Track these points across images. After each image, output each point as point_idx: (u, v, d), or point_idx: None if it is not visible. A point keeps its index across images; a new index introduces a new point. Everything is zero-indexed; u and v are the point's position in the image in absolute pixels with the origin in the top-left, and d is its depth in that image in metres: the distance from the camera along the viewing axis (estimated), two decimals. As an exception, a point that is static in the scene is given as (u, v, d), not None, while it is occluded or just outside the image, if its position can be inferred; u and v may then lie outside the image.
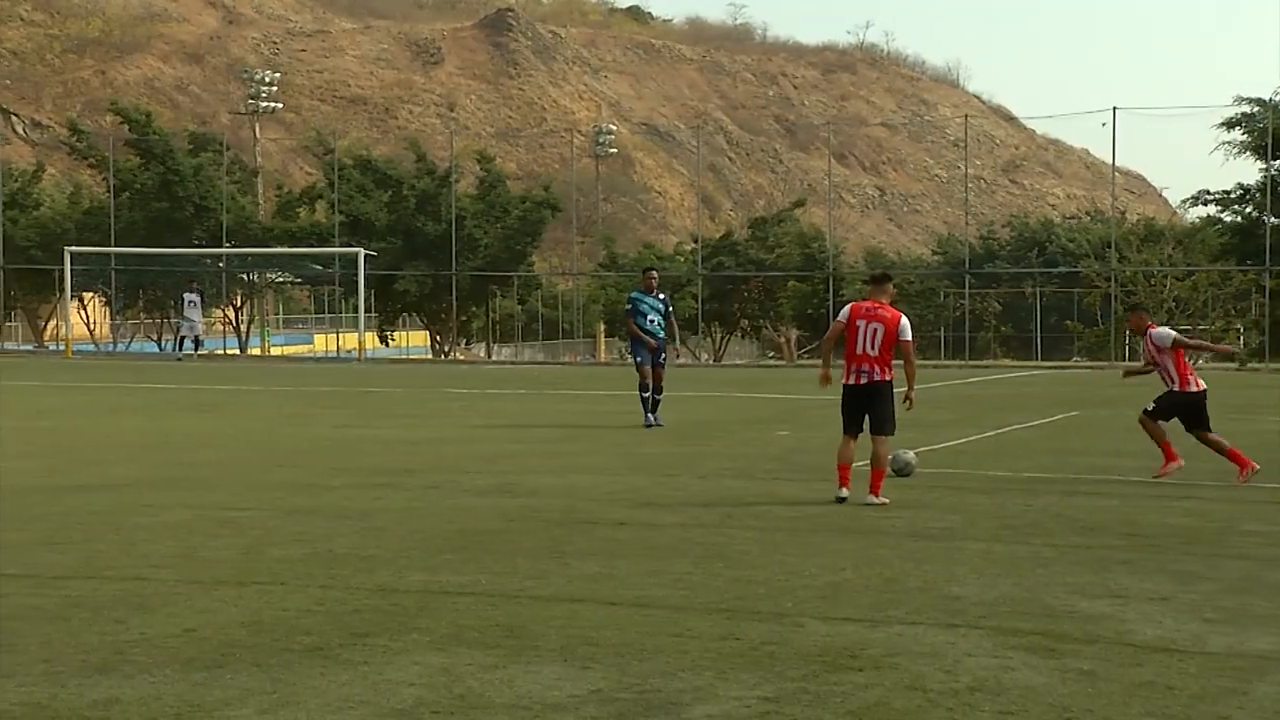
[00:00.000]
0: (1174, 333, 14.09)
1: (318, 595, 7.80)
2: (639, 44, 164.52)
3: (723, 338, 55.44)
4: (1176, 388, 13.65)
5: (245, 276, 52.82)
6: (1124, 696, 5.94)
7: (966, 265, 51.72)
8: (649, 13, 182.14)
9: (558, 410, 23.01)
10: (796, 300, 51.58)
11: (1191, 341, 14.35)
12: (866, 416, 11.89)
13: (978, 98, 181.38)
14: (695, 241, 54.98)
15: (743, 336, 57.66)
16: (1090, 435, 18.79)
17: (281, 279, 57.88)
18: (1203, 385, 13.73)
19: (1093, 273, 48.44)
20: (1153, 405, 13.73)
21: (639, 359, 19.53)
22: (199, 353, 42.91)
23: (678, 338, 20.31)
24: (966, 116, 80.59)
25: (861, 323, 11.85)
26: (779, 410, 23.12)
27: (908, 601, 7.78)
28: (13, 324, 55.54)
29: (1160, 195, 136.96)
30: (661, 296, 19.87)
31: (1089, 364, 43.38)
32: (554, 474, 13.82)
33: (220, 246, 48.72)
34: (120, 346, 51.72)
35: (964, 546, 9.68)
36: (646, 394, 19.25)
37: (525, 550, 9.36)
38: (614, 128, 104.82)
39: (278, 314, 68.75)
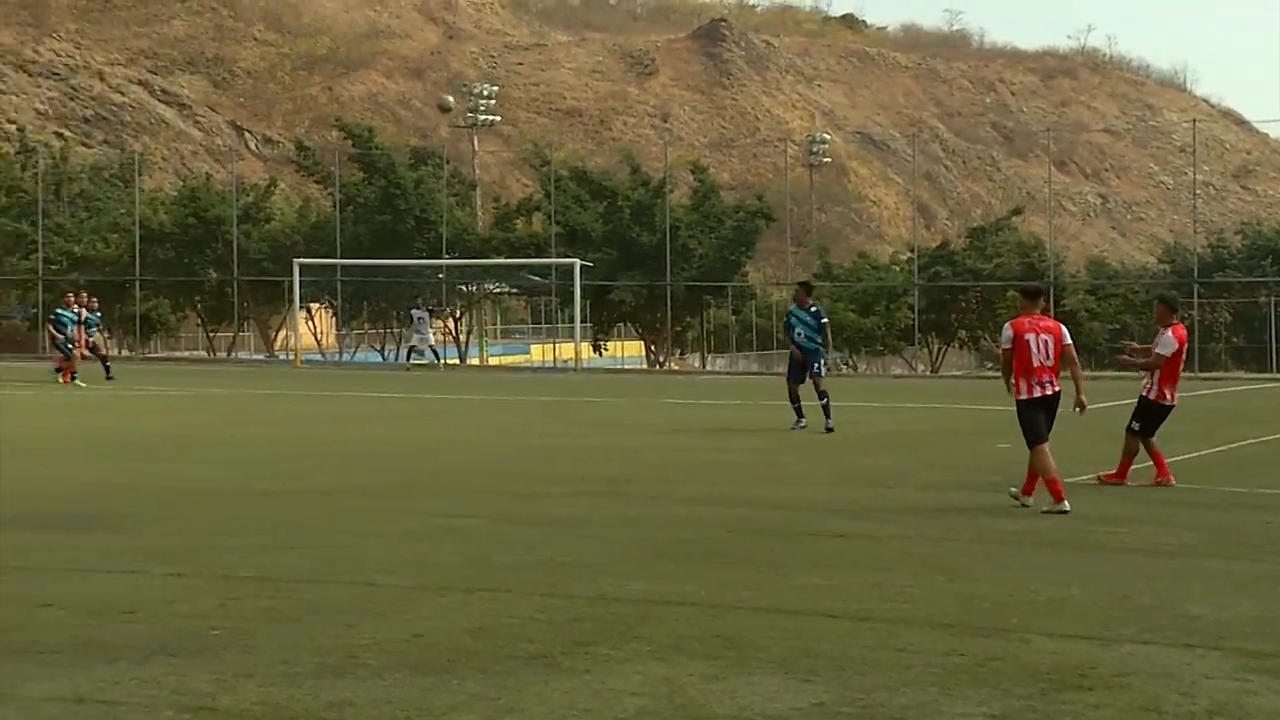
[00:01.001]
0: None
1: (540, 603, 7.90)
2: (853, 52, 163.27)
3: (940, 348, 54.66)
4: (1152, 396, 13.81)
5: (464, 288, 53.82)
6: (1375, 725, 5.67)
7: (1195, 274, 50.02)
8: (864, 20, 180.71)
9: (773, 420, 22.88)
10: (1016, 311, 50.61)
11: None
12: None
13: (1206, 101, 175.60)
14: (911, 251, 54.33)
15: (960, 347, 56.76)
16: (1330, 450, 18.02)
17: (499, 289, 58.84)
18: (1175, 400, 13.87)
19: (1332, 282, 46.49)
20: (1138, 425, 13.71)
21: (790, 374, 20.42)
22: (441, 361, 44.09)
23: (830, 346, 21.48)
24: (1195, 121, 77.95)
25: (1031, 336, 12.21)
26: (998, 422, 22.61)
27: (1139, 620, 7.55)
28: (245, 334, 57.54)
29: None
30: (814, 309, 20.60)
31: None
32: (771, 484, 13.79)
33: (440, 258, 49.76)
34: (345, 356, 53.20)
35: (1198, 564, 9.38)
36: (796, 403, 19.89)
37: (744, 561, 9.35)
38: (828, 137, 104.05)
39: (495, 324, 69.92)
